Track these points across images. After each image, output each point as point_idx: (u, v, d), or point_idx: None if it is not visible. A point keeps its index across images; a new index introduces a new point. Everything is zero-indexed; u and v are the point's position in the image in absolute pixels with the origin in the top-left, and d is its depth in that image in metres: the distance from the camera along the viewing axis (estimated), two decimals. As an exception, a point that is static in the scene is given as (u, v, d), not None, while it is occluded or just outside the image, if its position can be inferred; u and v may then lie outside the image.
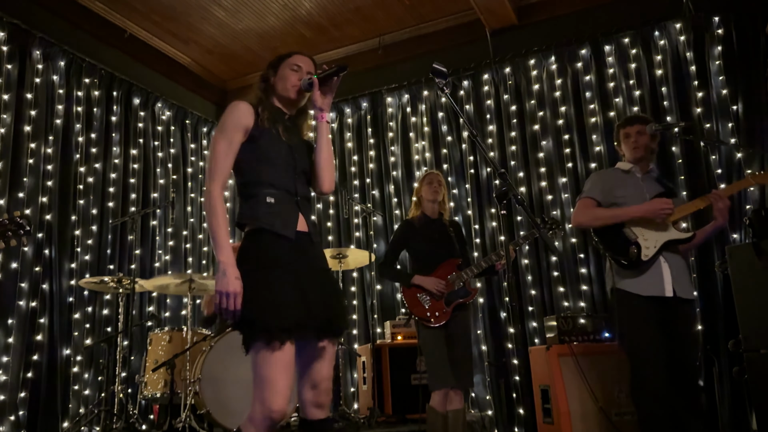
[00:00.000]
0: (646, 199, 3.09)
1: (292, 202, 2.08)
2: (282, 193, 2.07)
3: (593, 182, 3.32)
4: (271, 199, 2.03)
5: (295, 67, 2.22)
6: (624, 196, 3.14)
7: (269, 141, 2.08)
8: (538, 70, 5.60)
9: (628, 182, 3.20)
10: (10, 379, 4.40)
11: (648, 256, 2.96)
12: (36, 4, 5.09)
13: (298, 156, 2.15)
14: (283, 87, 2.20)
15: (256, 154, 2.07)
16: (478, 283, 5.37)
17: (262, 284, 1.91)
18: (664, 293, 2.93)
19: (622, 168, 3.29)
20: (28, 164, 4.79)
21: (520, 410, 5.02)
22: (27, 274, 4.64)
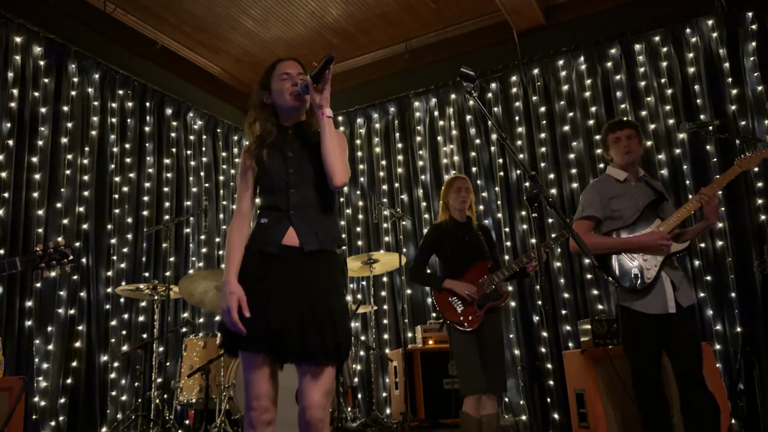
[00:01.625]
0: (640, 209, 3.09)
1: (283, 218, 2.10)
2: (274, 213, 2.12)
3: (590, 198, 3.24)
4: (265, 220, 2.13)
5: (284, 76, 2.22)
6: (619, 209, 3.13)
7: (266, 168, 2.16)
8: (567, 71, 5.54)
9: (623, 193, 3.18)
10: (50, 385, 4.51)
11: (651, 278, 2.99)
12: (71, 18, 5.24)
13: (294, 168, 2.14)
14: (283, 100, 2.21)
15: (259, 186, 2.21)
16: (510, 286, 5.33)
17: None
18: (667, 310, 2.96)
19: (617, 177, 3.23)
20: (65, 175, 4.92)
21: (554, 415, 4.96)
22: (65, 282, 4.76)
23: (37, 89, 4.83)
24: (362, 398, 5.58)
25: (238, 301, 1.98)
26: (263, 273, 2.04)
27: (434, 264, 4.70)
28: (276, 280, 2.02)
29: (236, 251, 2.10)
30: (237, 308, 1.96)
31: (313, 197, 2.14)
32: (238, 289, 2.00)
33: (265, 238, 2.08)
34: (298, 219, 2.09)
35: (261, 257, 2.07)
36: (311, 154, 2.18)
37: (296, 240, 2.07)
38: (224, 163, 6.67)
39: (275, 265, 2.04)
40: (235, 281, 2.03)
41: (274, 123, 2.23)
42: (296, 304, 1.99)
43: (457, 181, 3.73)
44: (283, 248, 2.06)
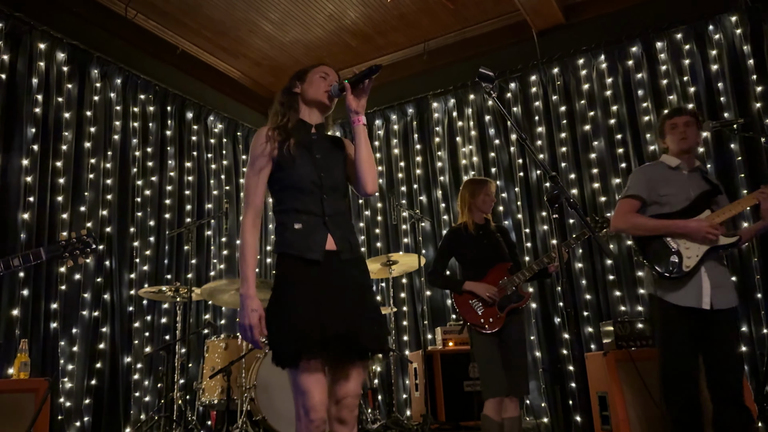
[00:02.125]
0: (690, 198, 2.95)
1: (319, 223, 2.08)
2: (309, 217, 2.08)
3: (637, 178, 3.12)
4: (299, 224, 2.07)
5: (323, 74, 2.24)
6: (667, 194, 2.99)
7: (293, 165, 2.11)
8: (587, 70, 5.49)
9: (674, 179, 3.03)
10: (75, 386, 4.58)
11: (689, 267, 2.84)
12: (93, 25, 5.31)
13: (325, 173, 2.13)
14: (315, 92, 2.21)
15: (283, 182, 2.14)
16: (530, 288, 5.29)
17: (280, 308, 2.00)
18: (701, 305, 2.81)
19: (669, 163, 3.09)
20: (88, 179, 4.99)
21: (576, 417, 4.91)
22: (89, 284, 4.83)
23: (61, 95, 4.91)
24: (382, 400, 5.58)
25: (259, 318, 1.97)
26: (307, 279, 2.01)
27: (453, 267, 4.68)
28: (321, 284, 2.01)
29: (254, 254, 2.08)
30: (259, 326, 1.96)
31: (341, 204, 2.17)
32: (258, 307, 1.99)
33: (307, 245, 2.04)
34: (334, 226, 2.09)
35: (303, 264, 2.03)
36: (336, 159, 2.20)
37: (334, 246, 2.08)
38: (244, 166, 6.72)
39: (319, 271, 2.03)
40: (254, 295, 2.00)
41: (296, 111, 2.23)
42: (344, 305, 1.99)
43: (490, 185, 3.68)
44: (326, 255, 2.05)
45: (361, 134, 2.15)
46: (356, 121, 2.14)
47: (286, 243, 2.08)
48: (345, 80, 2.15)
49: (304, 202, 2.10)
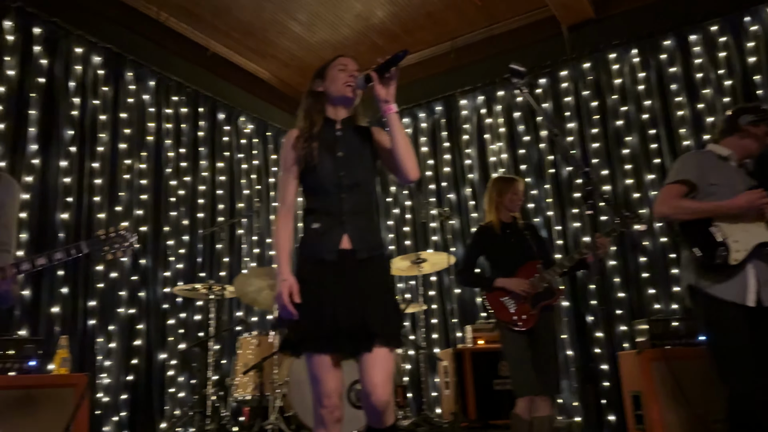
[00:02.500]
0: (737, 192, 2.78)
1: (336, 223, 2.11)
2: (327, 217, 2.12)
3: (685, 163, 2.95)
4: (316, 224, 2.13)
5: (341, 66, 2.24)
6: (717, 184, 2.83)
7: (315, 168, 2.15)
8: (619, 64, 5.41)
9: (723, 169, 2.89)
10: (112, 381, 4.69)
11: (737, 260, 2.69)
12: (127, 28, 5.43)
13: (345, 171, 2.15)
14: (336, 88, 2.21)
15: (307, 184, 2.21)
16: (562, 285, 5.24)
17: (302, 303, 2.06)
18: (745, 302, 2.67)
19: (719, 152, 2.95)
20: (124, 179, 5.10)
21: (609, 417, 4.84)
22: (125, 283, 4.94)
23: (97, 97, 5.03)
24: (412, 397, 5.58)
25: (290, 287, 2.04)
26: (322, 278, 2.07)
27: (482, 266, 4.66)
28: (334, 282, 2.05)
29: (286, 244, 2.16)
30: (289, 293, 2.03)
31: (362, 203, 2.17)
32: (290, 277, 2.06)
33: (321, 246, 2.10)
34: (351, 225, 2.11)
35: (318, 264, 2.09)
36: (360, 155, 2.20)
37: (349, 245, 2.10)
38: (274, 166, 6.80)
39: (333, 270, 2.07)
40: (287, 270, 2.08)
41: (320, 112, 2.23)
42: (355, 302, 2.02)
43: (519, 183, 3.64)
44: (340, 254, 2.09)
45: (395, 122, 2.13)
46: (387, 109, 2.12)
47: (303, 243, 2.16)
48: (371, 69, 2.12)
49: (323, 202, 2.15)
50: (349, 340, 2.02)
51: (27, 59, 4.59)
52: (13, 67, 4.46)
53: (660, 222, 3.47)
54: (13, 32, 4.51)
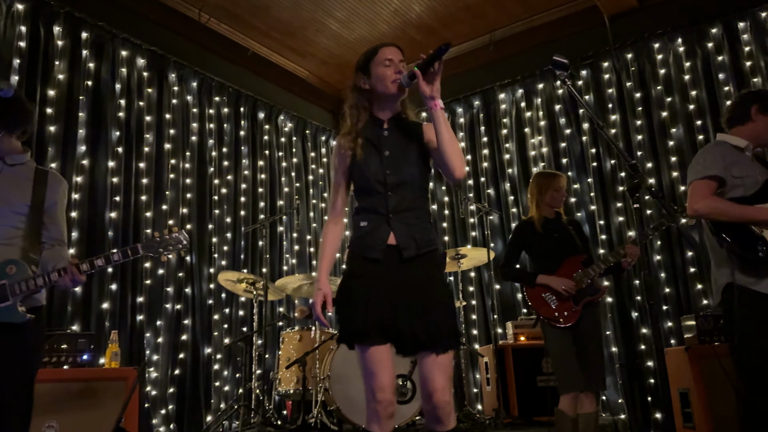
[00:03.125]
0: (759, 183, 2.72)
1: (382, 221, 2.10)
2: (375, 216, 2.12)
3: (712, 157, 2.83)
4: (364, 223, 2.14)
5: (386, 62, 2.17)
6: (741, 177, 2.74)
7: (361, 167, 2.15)
8: (663, 54, 5.27)
9: (742, 161, 2.80)
10: (160, 375, 4.81)
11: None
12: (169, 30, 5.55)
13: (391, 169, 2.13)
14: (384, 87, 2.16)
15: (355, 184, 2.22)
16: (606, 281, 5.15)
17: (342, 298, 2.10)
18: None
19: (735, 143, 2.84)
20: (169, 179, 5.23)
21: (656, 415, 4.74)
22: (172, 279, 5.07)
23: (142, 99, 5.16)
24: (453, 393, 5.57)
25: (324, 297, 2.09)
26: (370, 274, 2.07)
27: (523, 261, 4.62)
28: (383, 279, 2.04)
29: (329, 249, 2.19)
30: (321, 303, 2.08)
31: (410, 200, 2.13)
32: (325, 287, 2.11)
33: (368, 244, 2.10)
34: (398, 223, 2.09)
35: (366, 261, 2.09)
36: (407, 152, 2.16)
37: (395, 243, 2.08)
38: (313, 163, 6.86)
39: (380, 268, 2.07)
40: (324, 279, 2.13)
41: (366, 109, 2.21)
42: (407, 302, 2.01)
43: (560, 179, 3.59)
44: (386, 251, 2.07)
45: (440, 119, 2.09)
46: (433, 106, 2.08)
47: (352, 241, 2.17)
48: (414, 67, 2.08)
49: (370, 201, 2.14)
50: (400, 338, 2.01)
51: (75, 63, 4.74)
52: (63, 71, 4.62)
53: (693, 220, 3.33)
54: (63, 37, 4.66)
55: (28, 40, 4.43)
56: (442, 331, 2.01)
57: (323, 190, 6.93)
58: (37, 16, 4.53)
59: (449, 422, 2.00)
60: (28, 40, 4.43)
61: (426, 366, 2.00)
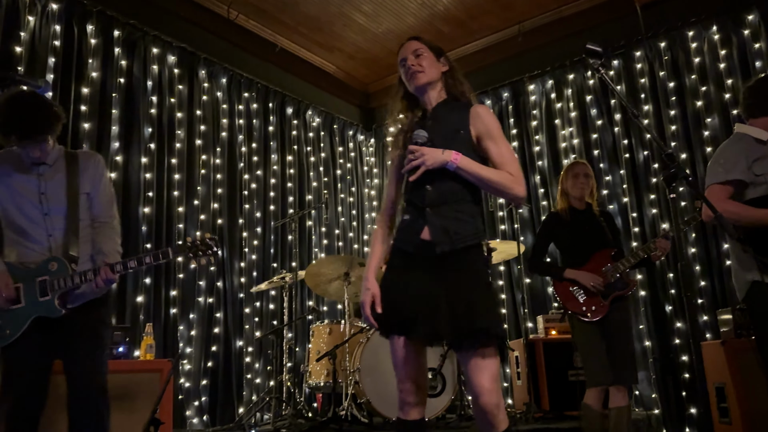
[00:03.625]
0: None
1: (420, 214, 2.07)
2: (413, 209, 2.11)
3: (734, 157, 2.66)
4: (406, 216, 2.14)
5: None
6: (763, 173, 2.60)
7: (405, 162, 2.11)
8: (698, 42, 5.15)
9: (765, 157, 2.64)
10: (193, 368, 4.90)
11: None
12: (199, 27, 5.61)
13: None
14: (409, 87, 2.21)
15: (402, 179, 2.21)
16: (639, 274, 5.07)
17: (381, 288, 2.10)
18: None
19: (756, 135, 2.68)
20: (200, 174, 5.30)
21: (691, 410, 4.66)
22: (204, 273, 5.14)
23: (173, 96, 5.24)
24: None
25: (372, 297, 2.06)
26: (406, 266, 2.07)
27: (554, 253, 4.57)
28: (418, 275, 2.02)
29: (378, 245, 2.20)
30: (370, 303, 2.05)
31: (449, 192, 2.05)
32: (373, 286, 2.08)
33: (405, 237, 2.10)
34: (434, 216, 2.04)
35: (402, 254, 2.10)
36: (451, 142, 2.07)
37: (429, 237, 2.03)
38: (341, 158, 6.89)
39: (415, 262, 2.05)
40: (372, 277, 2.11)
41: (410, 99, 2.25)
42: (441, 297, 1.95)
43: (576, 166, 3.55)
44: (420, 246, 2.04)
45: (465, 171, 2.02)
46: (449, 166, 2.02)
47: (395, 235, 2.18)
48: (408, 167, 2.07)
49: (411, 194, 2.12)
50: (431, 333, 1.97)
51: (108, 61, 4.82)
52: (96, 69, 4.70)
53: None
54: (96, 36, 4.74)
55: (63, 39, 4.52)
56: (475, 328, 1.91)
57: (351, 185, 6.94)
58: (71, 15, 4.62)
59: (499, 425, 1.92)
60: (62, 39, 4.52)
61: (468, 366, 1.95)
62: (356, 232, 6.86)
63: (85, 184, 2.54)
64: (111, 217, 2.59)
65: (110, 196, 2.64)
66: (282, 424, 4.24)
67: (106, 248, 2.49)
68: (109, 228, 2.57)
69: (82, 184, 2.53)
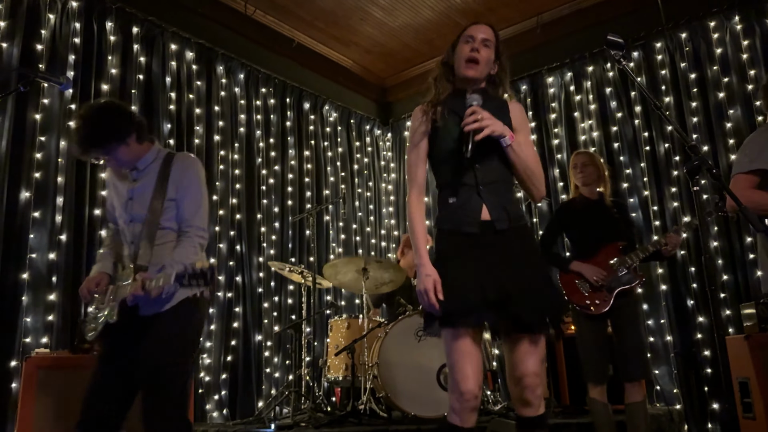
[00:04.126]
0: None
1: (473, 194, 2.01)
2: (463, 189, 2.02)
3: (758, 147, 2.65)
4: (453, 198, 2.04)
5: (468, 39, 2.12)
6: None
7: (444, 138, 2.06)
8: (720, 33, 5.06)
9: None
10: (213, 362, 4.94)
11: None
12: (216, 23, 5.63)
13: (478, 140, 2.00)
14: (458, 64, 2.11)
15: (437, 155, 2.11)
16: (660, 268, 5.01)
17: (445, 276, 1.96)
18: None
19: None
20: (219, 170, 5.33)
21: (714, 405, 4.60)
22: (223, 267, 5.18)
23: (191, 92, 5.27)
24: (502, 382, 5.53)
25: (434, 283, 1.93)
26: (464, 251, 1.98)
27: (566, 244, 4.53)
28: (479, 256, 1.95)
29: (422, 228, 2.05)
30: (434, 290, 1.92)
31: (498, 171, 2.04)
32: (433, 272, 1.95)
33: (461, 218, 2.00)
34: (489, 195, 2.00)
35: (460, 238, 2.00)
36: None
37: (488, 216, 1.99)
38: (358, 153, 6.89)
39: (476, 243, 1.97)
40: (428, 263, 1.97)
41: (449, 81, 2.15)
42: (502, 279, 1.91)
43: (576, 157, 3.56)
44: (481, 226, 1.99)
45: (511, 155, 2.02)
46: (503, 144, 2.00)
47: (441, 218, 2.07)
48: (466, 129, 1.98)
49: (457, 172, 2.04)
50: (498, 318, 1.91)
51: (127, 57, 4.86)
52: (115, 65, 4.74)
53: None
54: (115, 32, 4.78)
55: (83, 36, 4.57)
56: (543, 308, 1.92)
57: (368, 180, 6.94)
58: (91, 12, 4.66)
59: (540, 406, 1.94)
60: (82, 36, 4.56)
61: (519, 348, 1.92)
62: (373, 227, 6.86)
63: (171, 190, 2.38)
64: (191, 226, 2.37)
65: (196, 204, 2.41)
66: (301, 417, 4.27)
67: (168, 260, 2.28)
68: (186, 238, 2.35)
69: (169, 189, 2.38)
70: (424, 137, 2.12)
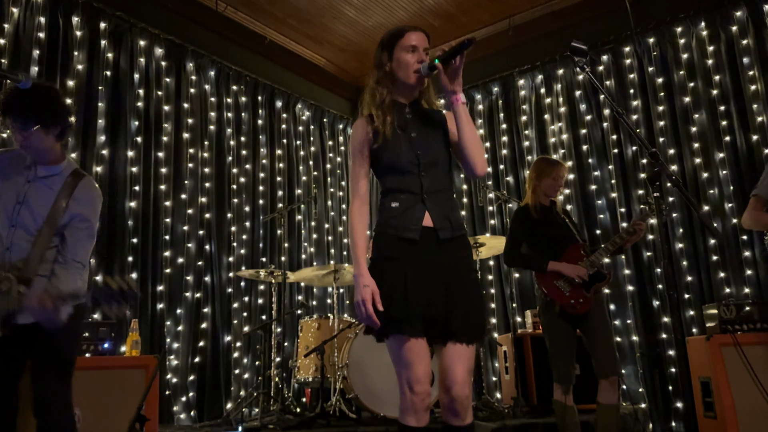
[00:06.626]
0: None
1: (417, 201, 2.03)
2: (407, 196, 2.04)
3: None
4: (396, 203, 2.05)
5: (411, 48, 2.10)
6: None
7: (389, 147, 2.07)
8: (686, 38, 5.16)
9: None
10: (180, 363, 4.87)
11: None
12: (187, 19, 5.55)
13: (422, 150, 2.07)
14: (405, 75, 2.10)
15: (382, 164, 2.11)
16: (627, 269, 5.09)
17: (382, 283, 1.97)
18: None
19: None
20: (188, 168, 5.26)
21: (677, 404, 4.70)
22: (191, 267, 5.11)
23: (160, 88, 5.19)
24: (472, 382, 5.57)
25: (372, 294, 1.92)
26: (406, 255, 1.99)
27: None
28: (419, 264, 1.97)
29: (363, 239, 2.05)
30: (371, 301, 1.91)
31: (441, 181, 2.08)
32: (371, 282, 1.95)
33: (403, 223, 2.02)
34: (433, 203, 2.03)
35: (400, 243, 2.01)
36: (433, 135, 2.12)
37: (431, 223, 2.02)
38: (331, 152, 6.86)
39: (415, 250, 1.99)
40: (367, 273, 1.98)
41: (390, 91, 2.13)
42: (442, 287, 1.95)
43: (561, 169, 3.54)
44: (423, 232, 2.01)
45: (462, 114, 2.06)
46: (455, 101, 2.05)
47: (383, 222, 2.08)
48: (435, 59, 2.03)
49: (402, 181, 2.06)
50: (434, 326, 1.93)
51: (94, 53, 4.77)
52: (81, 61, 4.65)
53: None
54: (81, 27, 4.68)
55: (47, 31, 4.47)
56: (475, 319, 1.96)
57: (341, 179, 6.92)
58: (56, 6, 4.56)
59: (467, 416, 1.94)
60: (47, 31, 4.46)
61: (448, 356, 1.94)
62: (346, 227, 6.85)
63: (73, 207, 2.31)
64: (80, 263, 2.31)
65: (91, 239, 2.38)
66: (269, 419, 4.23)
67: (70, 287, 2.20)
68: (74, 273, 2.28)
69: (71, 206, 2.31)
70: (368, 149, 2.12)
